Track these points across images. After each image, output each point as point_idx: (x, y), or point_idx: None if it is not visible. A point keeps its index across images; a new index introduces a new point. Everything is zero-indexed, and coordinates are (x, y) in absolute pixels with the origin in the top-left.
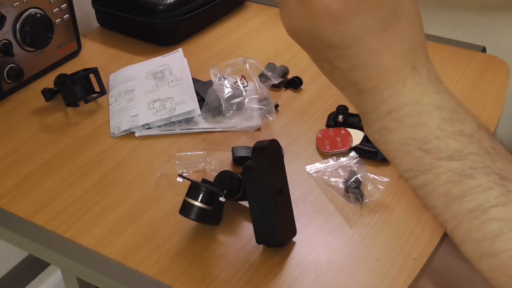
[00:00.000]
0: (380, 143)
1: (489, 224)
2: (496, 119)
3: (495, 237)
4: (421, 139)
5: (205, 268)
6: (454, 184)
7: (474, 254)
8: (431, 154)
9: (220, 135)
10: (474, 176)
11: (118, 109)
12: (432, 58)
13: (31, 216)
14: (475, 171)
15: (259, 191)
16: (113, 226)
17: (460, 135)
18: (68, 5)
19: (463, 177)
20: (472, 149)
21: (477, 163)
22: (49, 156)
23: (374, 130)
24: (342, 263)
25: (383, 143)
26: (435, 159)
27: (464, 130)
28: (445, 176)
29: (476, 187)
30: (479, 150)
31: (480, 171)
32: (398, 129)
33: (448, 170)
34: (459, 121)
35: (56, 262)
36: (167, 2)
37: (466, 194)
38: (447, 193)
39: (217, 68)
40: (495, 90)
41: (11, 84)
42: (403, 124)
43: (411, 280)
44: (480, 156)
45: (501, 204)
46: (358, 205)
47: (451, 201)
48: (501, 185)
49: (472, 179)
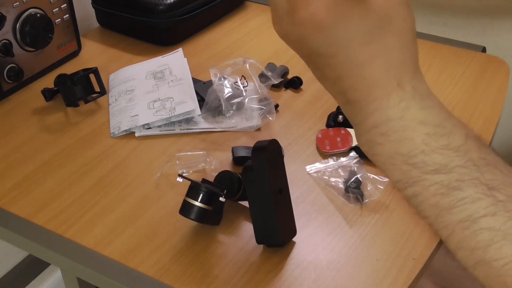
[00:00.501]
0: (370, 154)
1: (480, 234)
2: (496, 119)
3: (487, 246)
4: (407, 154)
5: (205, 268)
6: (442, 196)
7: (468, 262)
8: (417, 168)
9: (220, 135)
10: (461, 188)
11: (118, 109)
12: (432, 58)
13: (31, 216)
14: (462, 183)
15: (259, 191)
16: (113, 226)
17: (445, 149)
18: (68, 5)
19: (450, 189)
20: (458, 162)
21: (464, 176)
22: (49, 156)
23: (363, 141)
24: (342, 263)
25: (372, 154)
26: (422, 172)
27: (450, 144)
28: (433, 188)
29: (464, 198)
30: (466, 163)
31: (467, 183)
32: (385, 143)
33: (435, 183)
34: (445, 135)
35: (56, 262)
36: (167, 2)
37: (455, 206)
38: (437, 205)
39: (217, 68)
40: (495, 90)
41: (11, 84)
42: (389, 138)
43: (411, 280)
44: (467, 168)
45: (490, 214)
46: (358, 205)
47: (441, 212)
48: (489, 196)
49: (460, 191)
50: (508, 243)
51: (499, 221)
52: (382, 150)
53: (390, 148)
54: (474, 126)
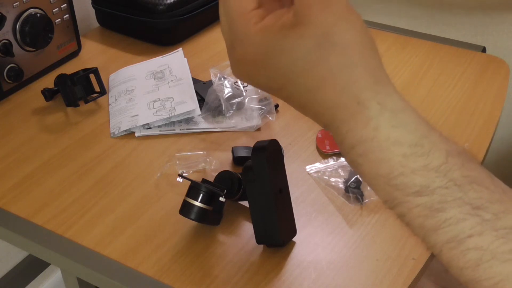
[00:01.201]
0: (357, 173)
1: (468, 254)
2: (496, 119)
3: (476, 266)
4: (387, 176)
5: (205, 268)
6: (426, 218)
7: (460, 279)
8: (399, 190)
9: (220, 135)
10: (445, 209)
11: (118, 109)
12: (432, 58)
13: (31, 216)
14: (446, 204)
15: (259, 191)
16: (113, 226)
17: (425, 170)
18: (68, 5)
19: (433, 211)
20: (439, 183)
21: (446, 197)
22: (49, 156)
23: (348, 161)
24: (342, 263)
25: (359, 173)
26: (404, 195)
27: (429, 164)
28: (416, 210)
29: (448, 219)
30: (447, 183)
31: (451, 204)
32: (365, 164)
33: (418, 205)
34: (423, 155)
35: (56, 262)
36: (167, 2)
37: (440, 227)
38: (422, 226)
39: (217, 68)
40: (495, 90)
41: (11, 84)
42: (368, 159)
43: (411, 280)
44: (449, 189)
45: (477, 233)
46: (358, 205)
47: (427, 232)
48: (475, 215)
49: (443, 212)
50: (498, 263)
51: (487, 240)
52: (364, 171)
53: (370, 169)
54: (474, 126)
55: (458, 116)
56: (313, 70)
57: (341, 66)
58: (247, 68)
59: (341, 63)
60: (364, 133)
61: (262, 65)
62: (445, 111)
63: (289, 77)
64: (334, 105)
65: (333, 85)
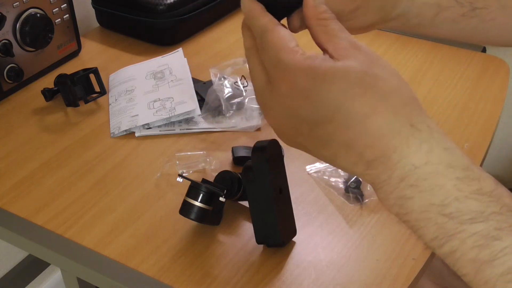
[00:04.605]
0: (402, 215)
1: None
2: (496, 119)
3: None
4: (440, 203)
5: (205, 268)
6: (482, 248)
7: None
8: (453, 218)
9: (220, 135)
10: (500, 237)
11: (118, 109)
12: (432, 58)
13: (31, 216)
14: (501, 232)
15: (259, 191)
16: (113, 226)
17: (479, 194)
18: (68, 5)
19: (489, 239)
20: (494, 208)
21: (501, 223)
22: (49, 156)
23: (392, 202)
24: (342, 263)
25: (404, 214)
26: (458, 223)
27: (482, 188)
28: (471, 240)
29: (504, 248)
30: (501, 209)
31: (506, 231)
32: (416, 195)
33: (473, 233)
34: (475, 179)
35: (56, 262)
36: (167, 2)
37: (495, 258)
38: (476, 258)
39: (217, 68)
40: (495, 90)
41: (11, 84)
42: (419, 189)
43: (411, 280)
44: (504, 215)
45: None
46: (358, 205)
47: (481, 266)
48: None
49: (499, 240)
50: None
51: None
52: (414, 205)
53: (422, 200)
54: (474, 126)
55: (458, 116)
56: (365, 95)
57: (390, 91)
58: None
59: (389, 89)
60: (417, 158)
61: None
62: (445, 111)
63: (340, 105)
64: (386, 130)
65: (386, 109)
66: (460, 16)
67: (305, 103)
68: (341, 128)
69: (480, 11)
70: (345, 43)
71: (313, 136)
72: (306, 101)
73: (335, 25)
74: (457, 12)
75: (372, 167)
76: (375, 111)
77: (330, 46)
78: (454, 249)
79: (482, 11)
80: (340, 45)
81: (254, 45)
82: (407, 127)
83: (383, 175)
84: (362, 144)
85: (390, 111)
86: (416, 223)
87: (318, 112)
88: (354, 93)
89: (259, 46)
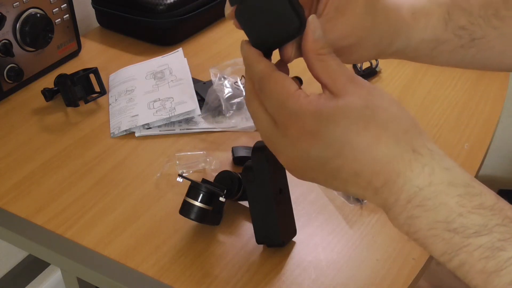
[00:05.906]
0: (411, 234)
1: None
2: (496, 119)
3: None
4: (445, 220)
5: (205, 268)
6: (488, 259)
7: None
8: (458, 233)
9: (220, 135)
10: (505, 247)
11: (118, 109)
12: None
13: (31, 216)
14: (505, 243)
15: (259, 191)
16: (113, 226)
17: (481, 208)
18: (68, 5)
19: (494, 250)
20: (496, 221)
21: (505, 234)
22: (49, 156)
23: (402, 222)
24: (342, 263)
25: (414, 232)
26: (464, 237)
27: (484, 202)
28: (478, 253)
29: (510, 258)
30: (504, 221)
31: (510, 241)
32: (422, 215)
33: (479, 246)
34: (476, 194)
35: (56, 262)
36: (167, 2)
37: (502, 268)
38: (484, 270)
39: (217, 68)
40: (495, 90)
41: (11, 84)
42: (425, 208)
43: (411, 280)
44: (507, 226)
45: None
46: (358, 205)
47: (489, 276)
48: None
49: (504, 251)
50: None
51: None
52: (421, 223)
53: (428, 219)
54: (474, 126)
55: (458, 116)
56: (367, 127)
57: (390, 120)
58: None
59: (389, 118)
60: (421, 180)
61: (321, 133)
62: (445, 111)
63: (346, 140)
64: (391, 157)
65: (388, 138)
66: (459, 48)
67: (314, 143)
68: (349, 161)
69: (479, 41)
70: (344, 79)
71: (324, 170)
72: (315, 141)
73: (334, 60)
74: (455, 44)
75: (380, 192)
76: (379, 140)
77: (330, 82)
78: (463, 262)
79: (481, 41)
80: (339, 81)
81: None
82: (409, 153)
83: (391, 198)
84: (369, 172)
85: (392, 139)
86: (425, 240)
87: (327, 149)
88: (358, 127)
89: (258, 91)
